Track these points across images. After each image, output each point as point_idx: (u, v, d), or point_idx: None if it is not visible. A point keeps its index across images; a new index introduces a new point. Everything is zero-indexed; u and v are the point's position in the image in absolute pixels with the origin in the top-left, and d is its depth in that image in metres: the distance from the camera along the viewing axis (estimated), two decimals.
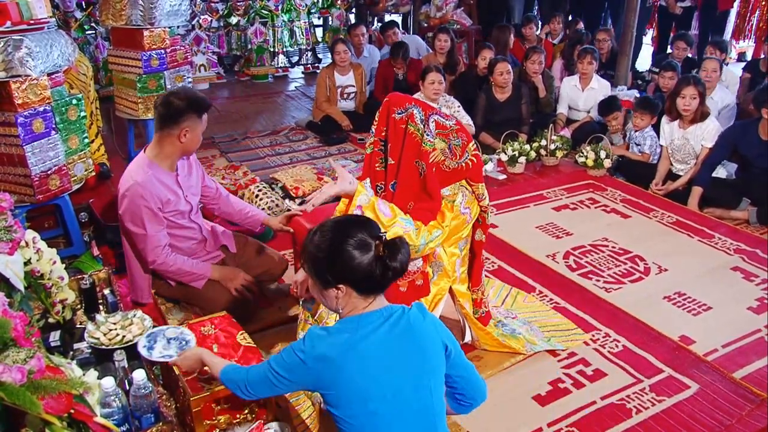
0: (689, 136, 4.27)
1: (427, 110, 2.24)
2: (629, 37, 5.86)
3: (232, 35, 7.70)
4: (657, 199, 4.29)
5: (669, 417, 2.34)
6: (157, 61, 4.27)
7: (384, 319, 1.60)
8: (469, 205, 2.31)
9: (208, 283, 2.76)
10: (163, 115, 2.56)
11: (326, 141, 5.55)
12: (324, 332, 1.61)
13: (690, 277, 3.33)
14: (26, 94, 3.01)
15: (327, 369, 1.56)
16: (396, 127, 2.23)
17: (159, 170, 2.63)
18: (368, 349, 1.56)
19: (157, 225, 2.61)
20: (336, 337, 1.58)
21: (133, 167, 2.63)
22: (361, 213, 2.12)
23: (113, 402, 1.92)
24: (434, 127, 2.23)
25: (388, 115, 2.25)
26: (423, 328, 1.62)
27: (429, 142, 2.21)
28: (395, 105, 2.24)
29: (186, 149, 2.66)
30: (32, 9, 3.00)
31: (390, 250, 1.56)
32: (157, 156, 2.64)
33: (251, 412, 2.12)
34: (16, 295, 1.98)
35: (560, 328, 2.86)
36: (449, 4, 7.66)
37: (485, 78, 5.45)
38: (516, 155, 4.75)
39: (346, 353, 1.55)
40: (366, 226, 1.61)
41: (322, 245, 1.58)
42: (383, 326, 1.59)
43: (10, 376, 1.33)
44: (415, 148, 2.21)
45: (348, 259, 1.54)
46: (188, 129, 2.58)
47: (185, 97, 2.58)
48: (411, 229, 2.14)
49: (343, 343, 1.56)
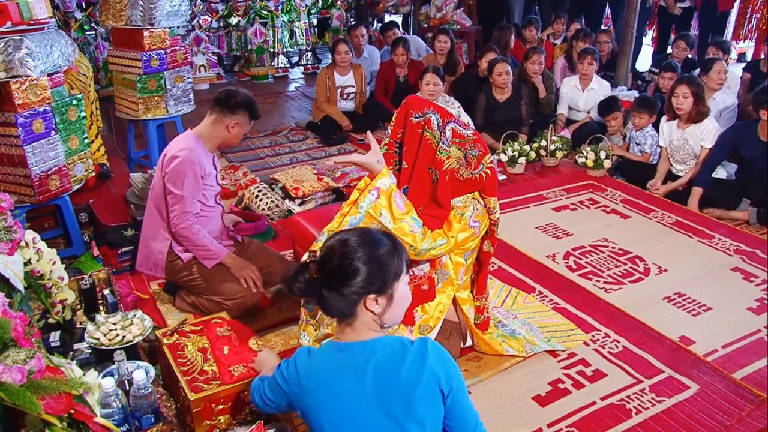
0: (688, 136, 4.27)
1: (444, 117, 2.20)
2: (629, 37, 5.87)
3: (232, 36, 7.70)
4: (657, 200, 4.29)
5: (669, 417, 2.34)
6: (157, 61, 4.28)
7: (367, 355, 1.55)
8: (479, 218, 2.27)
9: (219, 274, 2.81)
10: (224, 101, 2.75)
11: (326, 141, 5.55)
12: (307, 354, 1.64)
13: (690, 277, 3.33)
14: (26, 95, 3.01)
15: (299, 390, 1.60)
16: (412, 131, 2.20)
17: (201, 147, 2.80)
18: (340, 382, 1.54)
19: (195, 190, 2.74)
20: (315, 362, 1.61)
21: (182, 138, 2.81)
22: (377, 195, 2.06)
23: (113, 402, 1.92)
24: (451, 135, 2.19)
25: (406, 118, 2.21)
26: (415, 372, 1.51)
27: (444, 150, 2.17)
28: (413, 108, 2.21)
29: (227, 141, 2.85)
30: (32, 9, 3.01)
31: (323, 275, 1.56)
32: (203, 135, 2.81)
33: (251, 413, 2.12)
34: (16, 296, 1.98)
35: (560, 328, 2.85)
36: (449, 4, 7.67)
37: (485, 78, 5.45)
38: (516, 156, 4.75)
39: (318, 382, 1.57)
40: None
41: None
42: (364, 362, 1.54)
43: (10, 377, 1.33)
44: (429, 154, 2.18)
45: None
46: (239, 123, 2.78)
47: (246, 96, 2.80)
48: (418, 231, 2.11)
49: (319, 371, 1.58)
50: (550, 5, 8.05)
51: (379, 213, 2.05)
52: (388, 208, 2.05)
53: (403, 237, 2.04)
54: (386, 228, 2.04)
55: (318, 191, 4.17)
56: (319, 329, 2.33)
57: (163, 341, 2.26)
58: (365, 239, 1.56)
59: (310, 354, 1.64)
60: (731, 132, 4.16)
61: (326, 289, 1.56)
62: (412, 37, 7.08)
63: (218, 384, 2.05)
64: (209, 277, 2.82)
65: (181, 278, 2.88)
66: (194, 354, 2.19)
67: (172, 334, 2.30)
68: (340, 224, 2.07)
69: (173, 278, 2.92)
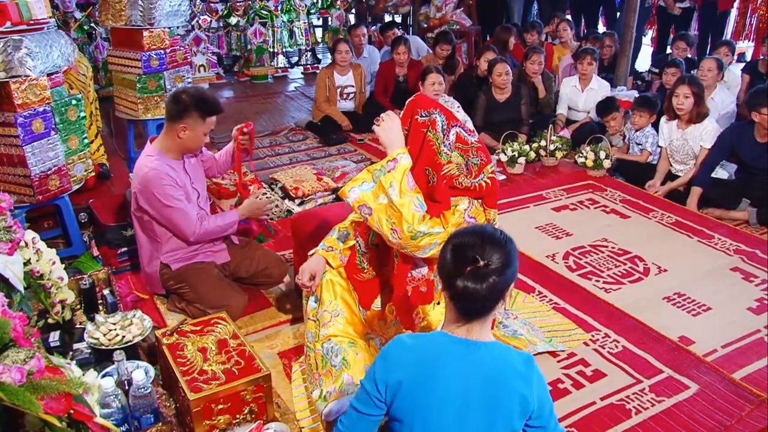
0: (688, 136, 4.27)
1: (450, 120, 2.16)
2: (629, 37, 5.87)
3: (231, 36, 7.70)
4: (656, 200, 4.29)
5: (668, 417, 2.34)
6: (157, 61, 4.28)
7: (490, 357, 1.58)
8: (474, 215, 2.25)
9: (204, 285, 2.80)
10: (169, 109, 2.68)
11: (326, 141, 5.55)
12: (408, 340, 1.63)
13: (689, 277, 3.33)
14: (26, 95, 3.01)
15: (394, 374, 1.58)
16: (417, 129, 2.16)
17: (166, 158, 2.74)
18: (442, 374, 1.56)
19: (184, 198, 2.70)
20: (417, 340, 1.62)
21: (142, 160, 2.74)
22: (393, 167, 2.06)
23: (113, 402, 1.92)
24: (454, 140, 2.15)
25: (412, 116, 2.18)
26: (514, 383, 1.57)
27: (445, 153, 2.13)
28: (420, 106, 2.17)
29: (185, 146, 2.74)
30: (32, 9, 3.00)
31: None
32: (162, 147, 2.75)
33: (251, 413, 2.12)
34: (15, 296, 1.98)
35: (560, 328, 2.85)
36: (449, 4, 7.67)
37: (485, 79, 5.45)
38: (515, 156, 4.75)
39: (420, 368, 1.57)
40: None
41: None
42: (462, 355, 1.57)
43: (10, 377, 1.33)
44: (430, 156, 2.15)
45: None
46: (187, 126, 2.66)
47: (192, 95, 2.66)
48: (420, 212, 2.07)
49: (432, 358, 1.58)
50: (550, 5, 8.05)
51: (389, 184, 2.04)
52: (399, 181, 2.05)
53: (404, 213, 2.04)
54: (390, 200, 2.04)
55: (318, 191, 4.17)
56: (320, 329, 2.33)
57: (162, 341, 2.26)
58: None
59: (414, 338, 1.65)
60: (729, 133, 4.16)
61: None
62: (411, 37, 7.08)
63: (218, 384, 2.06)
64: (194, 286, 2.81)
65: (170, 287, 2.89)
66: (194, 354, 2.19)
67: (171, 334, 2.30)
68: (353, 188, 2.09)
69: (163, 286, 2.93)
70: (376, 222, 2.08)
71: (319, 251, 2.43)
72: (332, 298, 2.36)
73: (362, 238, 2.40)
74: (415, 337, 1.66)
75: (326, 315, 2.33)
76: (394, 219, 2.05)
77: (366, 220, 2.13)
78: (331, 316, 2.32)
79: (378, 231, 2.12)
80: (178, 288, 2.86)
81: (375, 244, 2.39)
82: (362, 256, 2.40)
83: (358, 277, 2.42)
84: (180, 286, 2.85)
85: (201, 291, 2.78)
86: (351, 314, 2.36)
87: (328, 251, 2.42)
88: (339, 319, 2.32)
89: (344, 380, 2.18)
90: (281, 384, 2.49)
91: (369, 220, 2.10)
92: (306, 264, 2.39)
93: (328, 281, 2.38)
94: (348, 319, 2.34)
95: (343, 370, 2.20)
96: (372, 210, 2.07)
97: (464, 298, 1.54)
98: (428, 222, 2.11)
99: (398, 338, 1.65)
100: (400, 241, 2.07)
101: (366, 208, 2.08)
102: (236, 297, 2.79)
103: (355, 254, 2.42)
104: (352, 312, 2.38)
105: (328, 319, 2.32)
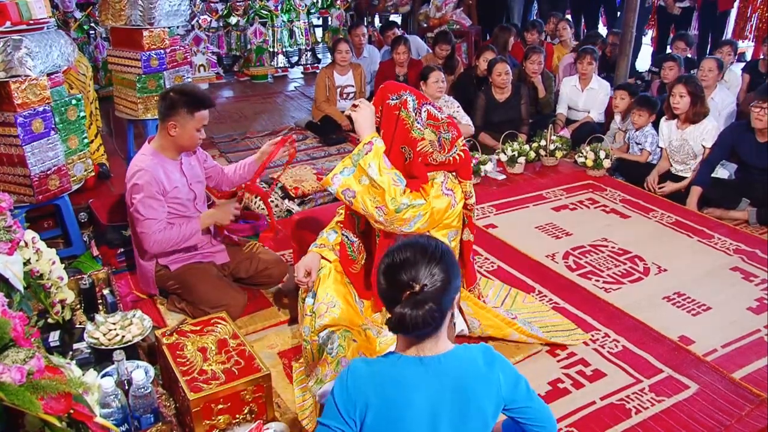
0: (687, 136, 4.27)
1: (420, 99, 2.26)
2: (629, 37, 5.86)
3: (231, 35, 7.70)
4: (656, 200, 4.29)
5: (668, 417, 2.34)
6: (157, 61, 4.27)
7: (450, 367, 1.51)
8: (451, 187, 2.29)
9: (203, 285, 2.79)
10: (159, 108, 2.71)
11: (325, 141, 5.55)
12: (365, 367, 1.55)
13: (689, 277, 3.33)
14: (26, 94, 3.01)
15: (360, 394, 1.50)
16: (389, 113, 2.24)
17: (162, 158, 2.74)
18: (421, 394, 1.49)
19: (153, 211, 2.65)
20: (373, 367, 1.53)
21: (137, 157, 2.75)
22: (370, 149, 2.15)
23: (113, 402, 1.92)
24: (426, 117, 2.24)
25: (383, 101, 2.26)
26: (486, 378, 1.53)
27: (419, 129, 2.22)
28: (390, 92, 2.26)
29: (178, 144, 2.74)
30: (32, 9, 3.00)
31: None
32: (158, 146, 2.75)
33: (251, 412, 2.12)
34: (15, 296, 1.98)
35: (560, 327, 2.85)
36: (449, 4, 7.66)
37: (485, 78, 5.45)
38: (515, 155, 4.75)
39: (379, 384, 1.50)
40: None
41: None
42: (445, 374, 1.50)
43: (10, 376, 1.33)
44: (404, 134, 2.23)
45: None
46: (177, 124, 2.66)
47: (178, 92, 2.68)
48: (401, 186, 2.16)
49: (395, 379, 1.50)
50: (550, 5, 8.05)
51: (368, 165, 2.14)
52: (377, 162, 2.14)
53: (386, 188, 2.13)
54: (372, 179, 2.13)
55: (318, 191, 4.17)
56: (316, 321, 2.35)
57: (162, 341, 2.26)
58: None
59: (370, 364, 1.56)
60: (729, 132, 4.16)
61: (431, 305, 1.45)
62: (411, 37, 7.08)
63: (218, 384, 2.06)
64: (193, 286, 2.81)
65: (170, 287, 2.90)
66: (193, 354, 2.20)
67: (171, 334, 2.30)
68: (335, 176, 2.18)
69: (162, 286, 2.92)
70: (360, 204, 2.17)
71: (313, 249, 2.49)
72: (328, 291, 2.40)
73: (348, 229, 2.46)
74: (370, 362, 1.57)
75: (322, 307, 2.36)
76: (377, 197, 2.14)
77: (351, 205, 2.21)
78: (327, 307, 2.36)
79: (364, 213, 2.20)
80: (177, 288, 2.86)
81: (362, 231, 2.46)
82: (352, 246, 2.46)
83: (352, 269, 2.47)
84: (179, 286, 2.85)
85: (200, 291, 2.78)
86: (347, 306, 2.40)
87: (321, 248, 2.49)
88: (335, 310, 2.36)
89: (340, 363, 2.21)
90: (281, 384, 2.49)
91: (354, 203, 2.18)
92: (301, 261, 2.45)
93: (324, 276, 2.42)
94: (344, 310, 2.38)
95: (339, 354, 2.22)
96: (356, 193, 2.16)
97: (404, 326, 1.43)
98: (410, 195, 2.18)
99: (353, 365, 1.55)
100: (386, 217, 2.15)
101: (349, 191, 2.17)
102: (236, 296, 2.79)
103: (345, 247, 2.47)
104: (349, 304, 2.42)
105: (324, 310, 2.35)
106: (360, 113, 2.22)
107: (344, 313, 2.37)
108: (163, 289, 2.97)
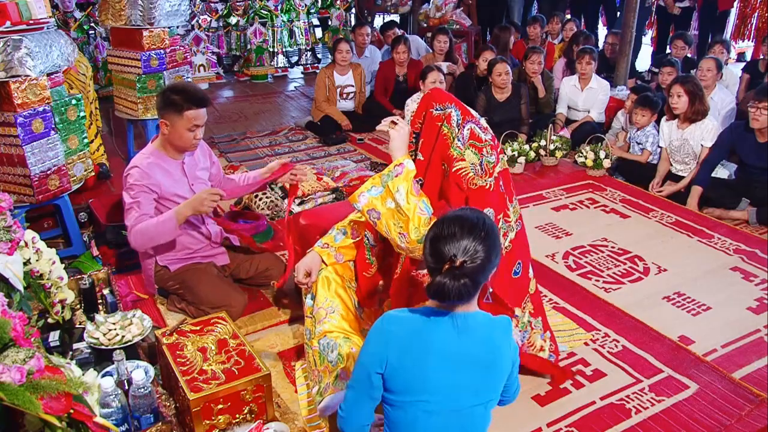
0: (688, 136, 4.27)
1: (465, 115, 2.15)
2: (629, 37, 5.86)
3: (231, 35, 7.70)
4: (656, 200, 4.29)
5: (668, 417, 2.34)
6: (157, 61, 4.27)
7: (481, 325, 1.65)
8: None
9: (203, 285, 2.79)
10: (156, 106, 2.71)
11: (325, 141, 5.55)
12: (398, 314, 1.68)
13: (689, 277, 3.33)
14: (26, 95, 3.01)
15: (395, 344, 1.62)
16: (432, 123, 2.16)
17: (163, 157, 2.73)
18: (436, 341, 1.62)
19: (137, 208, 2.59)
20: (406, 315, 1.66)
21: (138, 155, 2.75)
22: (401, 170, 2.07)
23: (112, 402, 1.92)
24: (468, 136, 2.13)
25: (426, 109, 2.17)
26: (501, 346, 1.67)
27: (458, 148, 2.12)
28: (435, 100, 2.17)
29: (172, 143, 2.72)
30: (32, 9, 3.00)
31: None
32: (158, 146, 2.75)
33: (251, 412, 2.12)
34: (15, 295, 1.98)
35: (562, 327, 2.85)
36: (448, 4, 7.67)
37: (485, 78, 5.45)
38: (515, 155, 4.75)
39: (413, 337, 1.62)
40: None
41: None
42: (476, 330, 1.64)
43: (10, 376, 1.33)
44: (444, 149, 2.14)
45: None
46: (167, 122, 2.65)
47: (172, 90, 2.65)
48: (426, 215, 2.07)
49: (413, 327, 1.63)
50: (550, 4, 8.05)
51: (396, 188, 2.06)
52: (406, 186, 2.06)
53: (411, 217, 2.05)
54: (398, 204, 2.06)
55: (317, 191, 4.17)
56: (316, 326, 2.34)
57: (162, 341, 2.26)
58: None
59: (403, 312, 1.68)
60: (728, 132, 4.16)
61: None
62: (411, 37, 7.08)
63: (218, 383, 2.06)
64: (193, 287, 2.81)
65: (169, 287, 2.90)
66: (193, 354, 2.20)
67: (171, 334, 2.30)
68: (362, 194, 2.12)
69: (163, 286, 2.92)
70: (384, 227, 2.11)
71: (315, 248, 2.46)
72: (327, 294, 2.38)
73: (371, 231, 2.41)
74: (403, 311, 1.69)
75: (321, 312, 2.34)
76: (401, 223, 2.06)
77: (375, 225, 2.14)
78: (326, 312, 2.34)
79: (386, 236, 2.14)
80: (177, 288, 2.86)
81: (383, 238, 2.41)
82: (371, 250, 2.42)
83: (366, 274, 2.44)
84: (179, 287, 2.85)
85: (201, 291, 2.78)
86: (346, 310, 2.38)
87: (323, 248, 2.46)
88: (334, 315, 2.34)
89: (339, 375, 2.19)
90: (281, 384, 2.49)
91: (378, 225, 2.12)
92: (301, 261, 2.43)
93: (324, 278, 2.40)
94: (343, 315, 2.36)
95: (339, 365, 2.21)
96: (380, 214, 2.09)
97: (441, 294, 1.54)
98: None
99: (388, 314, 1.68)
100: (408, 245, 2.08)
101: (375, 212, 2.10)
102: (236, 297, 2.79)
103: (364, 249, 2.43)
104: (347, 308, 2.40)
105: (324, 315, 2.33)
106: (398, 132, 2.13)
107: (343, 317, 2.35)
108: (163, 289, 2.97)
